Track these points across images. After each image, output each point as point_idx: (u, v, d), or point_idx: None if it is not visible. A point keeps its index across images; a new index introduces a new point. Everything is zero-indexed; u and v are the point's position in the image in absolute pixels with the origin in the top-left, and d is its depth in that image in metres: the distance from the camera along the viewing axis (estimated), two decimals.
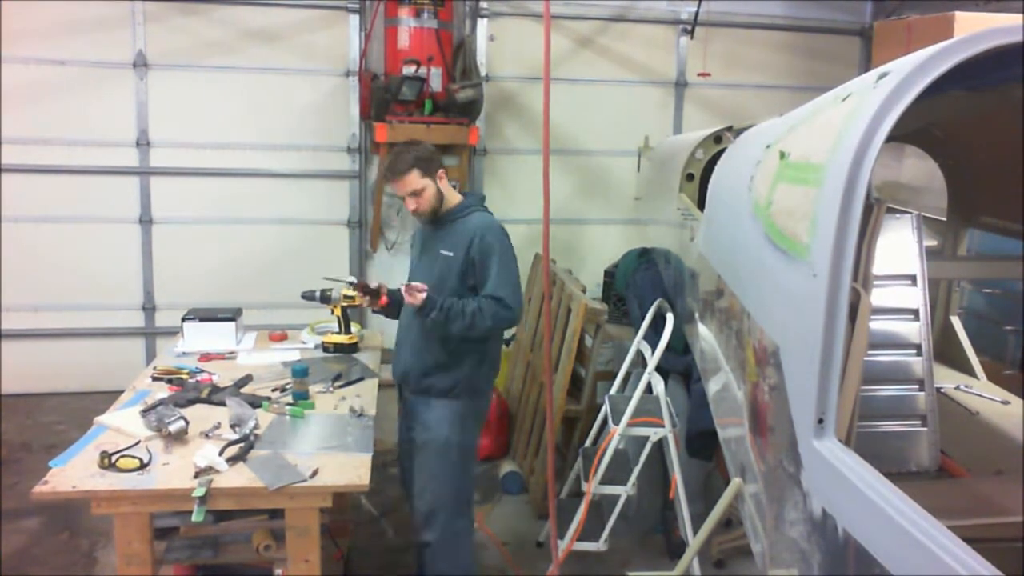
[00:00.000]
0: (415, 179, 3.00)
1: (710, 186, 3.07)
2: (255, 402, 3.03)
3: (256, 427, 2.78)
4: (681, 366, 4.11)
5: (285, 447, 2.70)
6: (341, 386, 3.28)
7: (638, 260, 4.96)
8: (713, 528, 2.61)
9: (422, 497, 3.16)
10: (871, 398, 2.70)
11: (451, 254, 3.04)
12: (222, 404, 2.99)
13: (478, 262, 3.02)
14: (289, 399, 3.08)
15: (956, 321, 3.72)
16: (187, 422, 2.72)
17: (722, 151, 3.66)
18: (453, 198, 3.13)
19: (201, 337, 3.70)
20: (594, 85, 6.28)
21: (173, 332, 3.99)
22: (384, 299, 3.16)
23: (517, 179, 6.28)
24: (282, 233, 6.03)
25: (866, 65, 6.31)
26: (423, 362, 3.11)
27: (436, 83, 5.46)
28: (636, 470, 3.49)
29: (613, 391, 3.98)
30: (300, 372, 3.15)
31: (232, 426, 2.78)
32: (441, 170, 3.07)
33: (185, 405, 2.97)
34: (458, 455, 3.13)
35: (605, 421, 3.73)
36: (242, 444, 2.62)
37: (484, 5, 6.00)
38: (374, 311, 3.30)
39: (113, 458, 2.49)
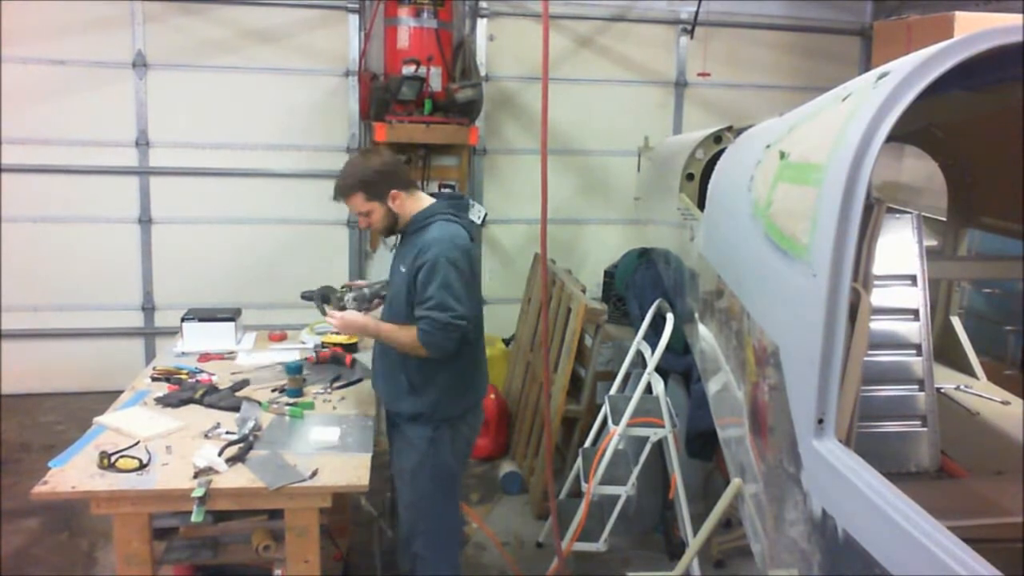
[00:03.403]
0: (359, 202, 2.84)
1: (710, 186, 3.07)
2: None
3: (257, 428, 2.78)
4: (681, 366, 4.11)
5: (284, 447, 2.70)
6: (340, 387, 3.27)
7: (638, 260, 4.96)
8: (713, 528, 2.61)
9: (402, 526, 3.07)
10: (871, 398, 2.69)
11: (403, 270, 2.85)
12: (212, 407, 2.99)
13: (419, 280, 2.76)
14: (288, 399, 3.08)
15: (956, 321, 3.72)
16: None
17: (722, 151, 3.65)
18: (416, 206, 2.89)
19: (200, 337, 3.69)
20: (594, 85, 6.28)
21: (173, 332, 3.99)
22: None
23: (517, 179, 6.28)
24: (282, 233, 6.03)
25: (866, 65, 6.31)
26: (391, 387, 2.94)
27: (436, 83, 5.46)
28: (636, 470, 3.49)
29: (613, 391, 3.98)
30: (294, 369, 3.15)
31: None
32: (395, 190, 2.83)
33: (178, 405, 2.97)
34: (431, 483, 2.94)
35: (605, 421, 3.73)
36: (241, 444, 2.62)
37: (484, 5, 5.99)
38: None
39: (112, 458, 2.49)
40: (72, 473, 2.46)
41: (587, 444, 3.98)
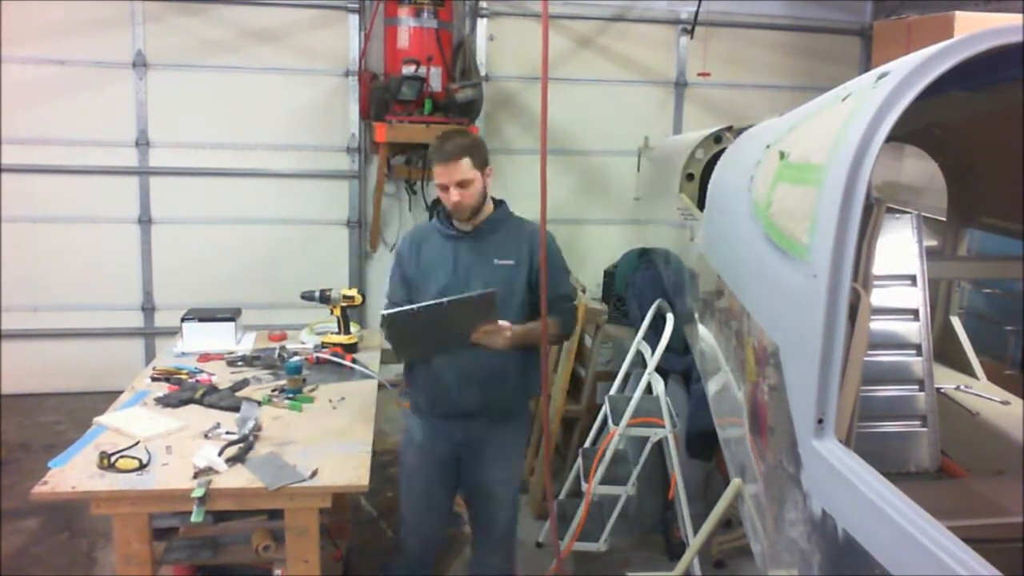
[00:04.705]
0: (466, 168, 2.74)
1: (710, 186, 3.07)
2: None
3: (256, 428, 2.78)
4: (681, 366, 4.11)
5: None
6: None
7: (638, 260, 4.96)
8: (713, 528, 2.61)
9: (506, 533, 3.10)
10: (871, 398, 2.70)
11: (511, 262, 2.85)
12: (212, 407, 2.99)
13: (552, 266, 2.77)
14: (288, 399, 3.08)
15: (956, 321, 3.72)
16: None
17: (722, 151, 3.65)
18: (490, 201, 2.94)
19: (200, 337, 3.69)
20: (594, 85, 6.28)
21: (172, 332, 3.99)
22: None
23: (517, 179, 6.25)
24: (282, 233, 6.02)
25: (866, 65, 6.30)
26: (503, 389, 2.87)
27: (436, 83, 5.46)
28: (636, 470, 3.49)
29: (613, 391, 3.98)
30: (293, 369, 3.14)
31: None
32: (489, 167, 2.87)
33: (178, 405, 2.97)
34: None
35: (605, 421, 3.73)
36: (241, 444, 2.62)
37: (484, 5, 5.99)
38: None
39: (112, 458, 2.48)
40: (72, 473, 2.46)
41: (587, 444, 3.98)
